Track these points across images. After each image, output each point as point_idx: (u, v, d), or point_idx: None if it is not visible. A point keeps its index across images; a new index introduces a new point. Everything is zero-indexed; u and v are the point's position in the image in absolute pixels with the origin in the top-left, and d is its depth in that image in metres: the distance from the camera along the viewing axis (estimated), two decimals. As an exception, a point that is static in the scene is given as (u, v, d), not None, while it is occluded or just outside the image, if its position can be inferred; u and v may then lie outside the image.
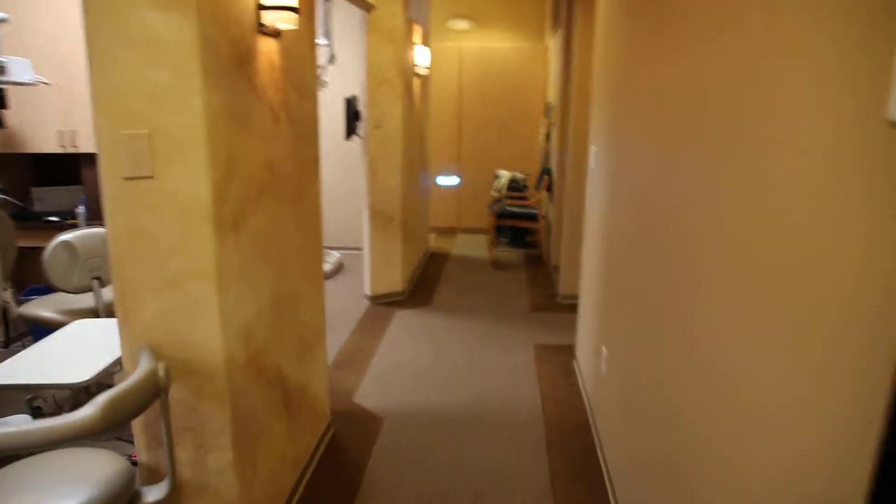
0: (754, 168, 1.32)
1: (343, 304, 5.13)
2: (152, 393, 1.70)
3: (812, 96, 1.11)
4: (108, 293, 3.61)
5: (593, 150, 3.59)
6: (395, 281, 5.26)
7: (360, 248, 6.08)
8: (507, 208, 6.72)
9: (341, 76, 6.18)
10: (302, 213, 2.65)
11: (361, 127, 4.94)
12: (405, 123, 5.06)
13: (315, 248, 2.91)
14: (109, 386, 1.64)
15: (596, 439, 3.10)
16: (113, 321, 2.73)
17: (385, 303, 5.21)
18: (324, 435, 3.07)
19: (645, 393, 2.19)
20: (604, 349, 3.01)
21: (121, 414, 1.56)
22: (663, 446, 1.92)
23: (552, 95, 6.55)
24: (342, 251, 6.68)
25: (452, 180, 6.78)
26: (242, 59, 1.97)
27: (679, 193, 1.85)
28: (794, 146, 1.16)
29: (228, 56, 1.86)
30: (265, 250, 2.25)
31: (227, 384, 1.98)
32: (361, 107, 4.91)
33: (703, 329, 1.59)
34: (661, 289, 2.02)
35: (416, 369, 3.94)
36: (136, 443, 2.01)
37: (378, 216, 5.04)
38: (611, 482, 2.71)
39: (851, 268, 0.98)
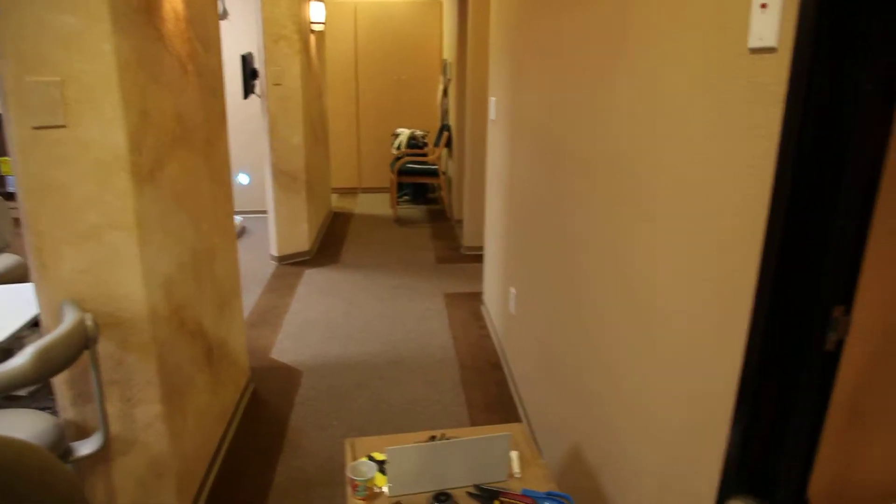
0: (634, 97, 1.49)
1: (250, 266, 5.07)
2: (81, 344, 1.69)
3: (681, 33, 1.27)
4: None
5: (493, 102, 3.73)
6: (302, 240, 5.25)
7: (262, 212, 5.99)
8: (408, 165, 6.80)
9: (233, 33, 5.98)
10: (214, 167, 2.63)
11: (259, 85, 4.84)
12: (304, 81, 5.01)
13: (227, 202, 2.89)
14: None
15: (508, 373, 3.31)
16: (6, 287, 2.63)
17: (293, 262, 5.20)
18: (245, 390, 3.10)
19: (552, 325, 2.39)
20: (512, 289, 3.21)
21: (52, 363, 1.56)
22: (571, 371, 2.12)
23: (448, 52, 6.63)
24: (243, 215, 6.54)
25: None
26: (150, 5, 1.93)
27: (571, 127, 2.03)
28: (672, 86, 1.32)
29: (136, 0, 1.82)
30: (183, 202, 2.24)
31: (153, 336, 1.99)
32: (258, 64, 4.80)
33: (603, 254, 1.78)
34: (561, 221, 2.20)
35: (330, 323, 4.00)
36: (59, 400, 1.98)
37: (282, 175, 4.99)
38: (524, 409, 2.93)
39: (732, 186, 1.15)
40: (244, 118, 6.33)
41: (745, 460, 1.15)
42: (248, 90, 4.86)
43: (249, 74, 4.83)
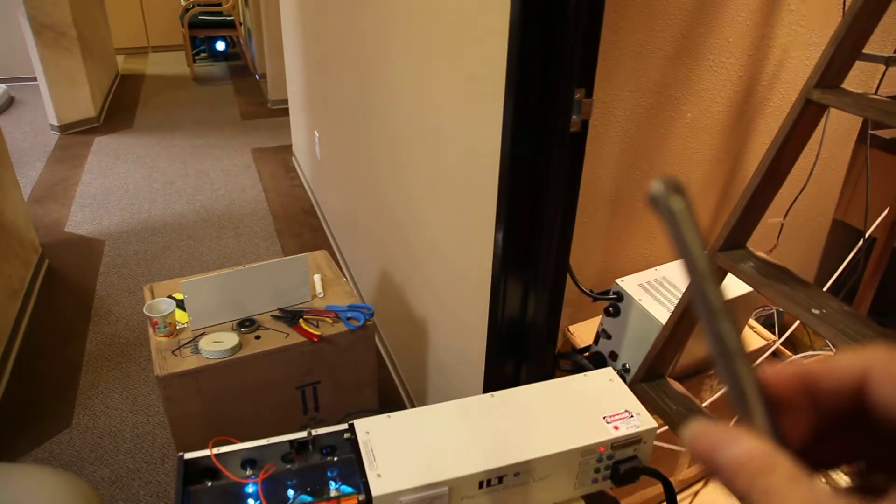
0: None
1: (25, 138, 4.51)
2: None
3: None
4: None
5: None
6: (86, 106, 4.72)
7: (30, 78, 5.25)
8: (200, 17, 6.19)
9: None
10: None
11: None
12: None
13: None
14: None
15: (321, 217, 3.34)
16: None
17: (78, 131, 4.69)
18: (38, 267, 2.87)
19: (355, 163, 2.41)
20: (316, 133, 3.16)
21: None
22: (377, 201, 2.19)
23: None
24: (6, 83, 5.69)
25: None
26: None
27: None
28: None
29: None
30: None
31: None
32: None
33: (391, 91, 1.79)
34: (354, 64, 2.16)
35: (130, 190, 3.74)
36: None
37: (44, 30, 4.33)
38: (339, 249, 3.00)
39: None
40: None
41: (512, 246, 1.28)
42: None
43: None
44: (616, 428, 1.05)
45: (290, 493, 1.05)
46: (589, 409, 1.08)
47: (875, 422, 0.25)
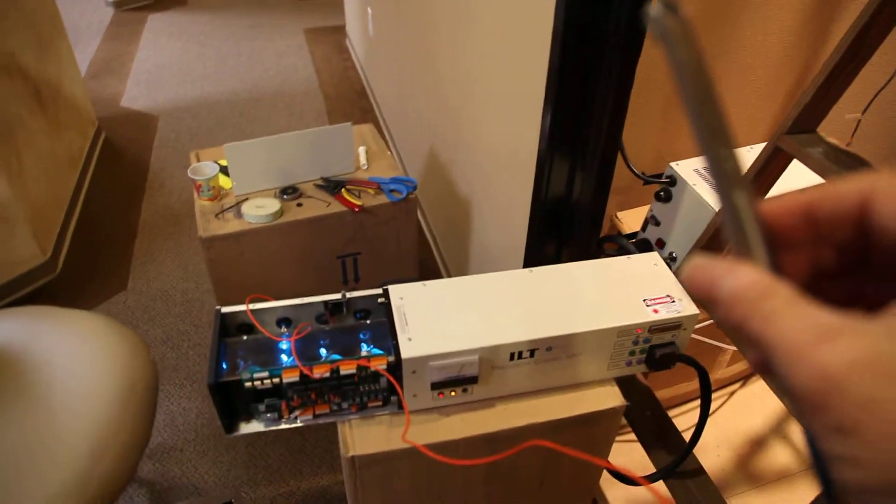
0: None
1: (82, 16, 4.50)
2: None
3: None
4: None
5: None
6: (139, -19, 4.66)
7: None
8: None
9: None
10: None
11: None
12: None
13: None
14: None
15: (372, 98, 3.27)
16: None
17: (132, 8, 4.65)
18: (96, 139, 2.92)
19: (408, 39, 2.31)
20: (369, 10, 3.03)
21: None
22: (428, 80, 2.10)
23: None
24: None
25: None
26: None
27: None
28: None
29: None
30: None
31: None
32: None
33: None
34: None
35: (183, 67, 3.72)
36: None
37: None
38: (388, 131, 2.95)
39: None
40: None
41: (560, 121, 1.20)
42: None
43: None
44: (656, 311, 1.01)
45: (323, 351, 1.07)
46: (629, 291, 1.04)
47: (877, 249, 0.24)
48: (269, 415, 1.05)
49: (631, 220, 1.47)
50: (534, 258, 1.38)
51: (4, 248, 2.06)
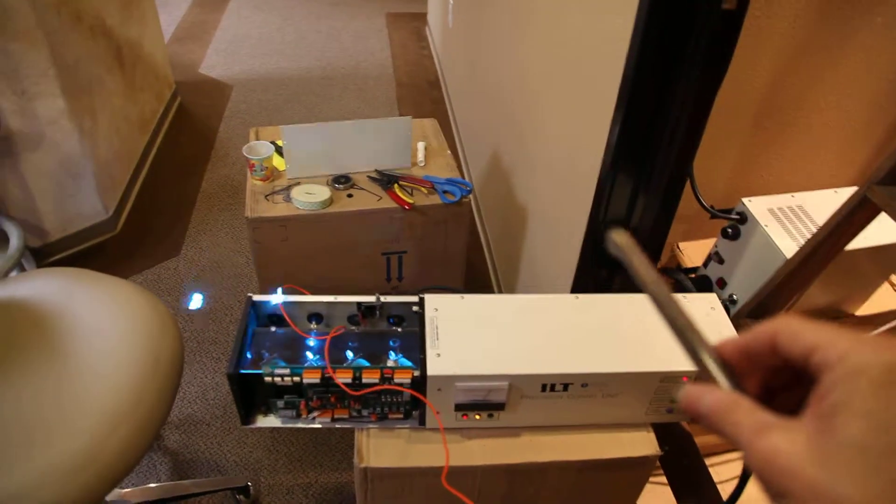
0: None
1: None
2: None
3: None
4: None
5: None
6: (232, -50, 4.72)
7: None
8: None
9: None
10: None
11: None
12: None
13: None
14: None
15: (444, 91, 3.22)
16: None
17: (224, -24, 4.73)
18: (170, 103, 2.98)
19: (483, 34, 2.25)
20: (450, 0, 2.98)
21: None
22: (493, 83, 2.04)
23: None
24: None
25: None
26: None
27: None
28: None
29: None
30: None
31: (37, 22, 1.81)
32: None
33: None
34: None
35: (263, 39, 3.76)
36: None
37: None
38: (457, 126, 2.90)
39: None
40: None
41: (628, 138, 1.12)
42: None
43: None
44: (706, 359, 0.93)
45: (350, 354, 1.03)
46: (680, 333, 0.96)
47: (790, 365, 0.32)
48: (286, 412, 1.02)
49: (693, 252, 1.38)
50: (584, 280, 1.31)
51: (70, 202, 2.11)
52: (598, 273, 1.28)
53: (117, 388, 1.01)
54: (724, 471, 1.40)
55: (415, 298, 1.04)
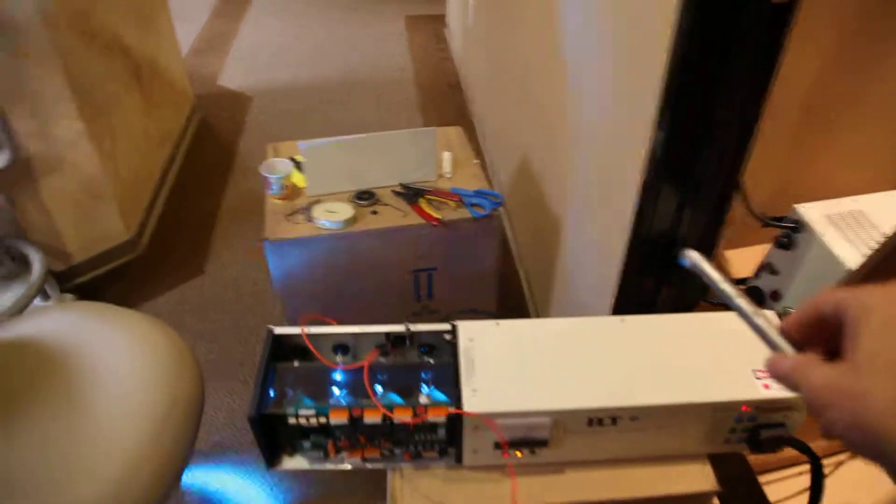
0: None
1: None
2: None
3: None
4: None
5: None
6: (249, -41, 4.70)
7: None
8: None
9: None
10: None
11: None
12: None
13: None
14: None
15: (466, 95, 3.15)
16: None
17: (241, -15, 4.71)
18: (190, 117, 2.95)
19: (506, 32, 2.17)
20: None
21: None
22: (519, 81, 1.96)
23: None
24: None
25: None
26: None
27: None
28: None
29: None
30: None
31: (51, 43, 1.78)
32: None
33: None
34: None
35: (282, 47, 3.73)
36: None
37: None
38: (481, 129, 2.83)
39: None
40: None
41: (675, 143, 1.04)
42: None
43: None
44: (766, 387, 0.85)
45: (379, 388, 0.97)
46: (737, 357, 0.88)
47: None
48: (314, 453, 0.96)
49: (740, 261, 1.29)
50: (627, 294, 1.23)
51: (92, 224, 2.08)
52: (642, 285, 1.20)
53: (134, 433, 0.95)
54: (775, 491, 1.31)
55: (447, 326, 0.97)
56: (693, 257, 0.49)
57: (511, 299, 2.00)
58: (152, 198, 2.42)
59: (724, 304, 1.22)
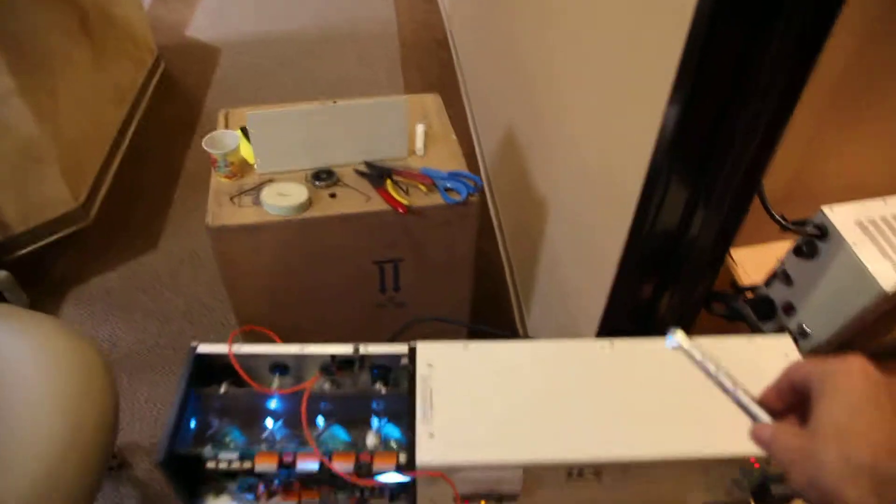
0: None
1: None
2: None
3: None
4: None
5: None
6: None
7: None
8: None
9: None
10: None
11: None
12: None
13: None
14: None
15: (454, 52, 2.93)
16: None
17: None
18: (152, 71, 2.72)
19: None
20: (458, -52, 2.67)
21: None
22: (509, 48, 1.76)
23: None
24: None
25: None
26: None
27: None
28: None
29: None
30: None
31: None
32: None
33: None
34: None
35: (255, -4, 3.46)
36: None
37: None
38: (467, 94, 2.63)
39: None
40: None
41: (689, 127, 0.85)
42: None
43: None
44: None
45: (321, 420, 0.81)
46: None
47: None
48: (243, 494, 0.81)
49: (751, 262, 1.13)
50: (622, 297, 1.07)
51: (31, 190, 1.89)
52: (640, 289, 1.03)
53: (30, 468, 0.80)
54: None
55: (403, 348, 0.82)
56: (680, 338, 0.51)
57: (490, 290, 1.84)
58: (105, 161, 2.21)
59: (729, 315, 1.06)
